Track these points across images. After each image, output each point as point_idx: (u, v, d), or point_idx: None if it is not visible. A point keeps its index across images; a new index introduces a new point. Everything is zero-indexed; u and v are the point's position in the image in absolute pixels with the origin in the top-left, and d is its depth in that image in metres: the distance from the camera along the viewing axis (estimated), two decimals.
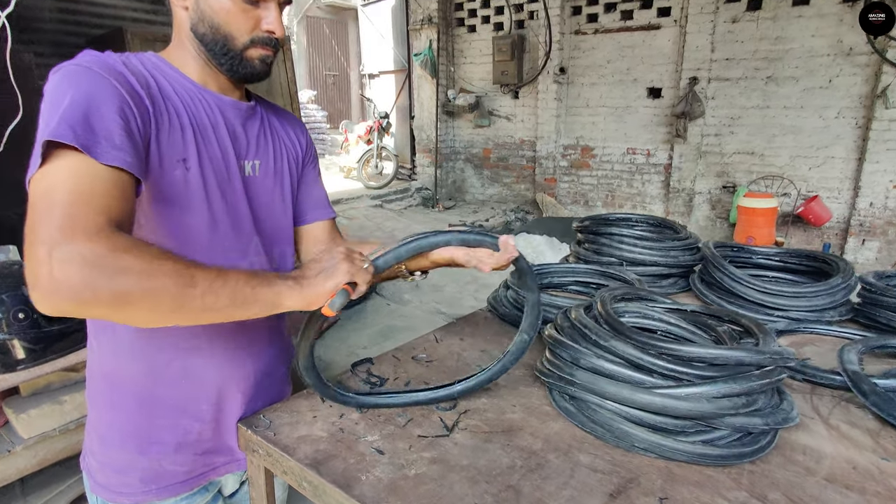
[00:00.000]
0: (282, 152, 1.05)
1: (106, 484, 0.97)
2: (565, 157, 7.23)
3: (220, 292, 0.70)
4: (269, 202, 1.02)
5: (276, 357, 1.08)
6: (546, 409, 1.05)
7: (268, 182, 1.02)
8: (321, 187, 1.17)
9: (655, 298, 1.33)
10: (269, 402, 1.07)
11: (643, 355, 0.96)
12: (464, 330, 1.43)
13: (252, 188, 0.98)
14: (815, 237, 5.57)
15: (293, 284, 0.77)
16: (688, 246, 1.80)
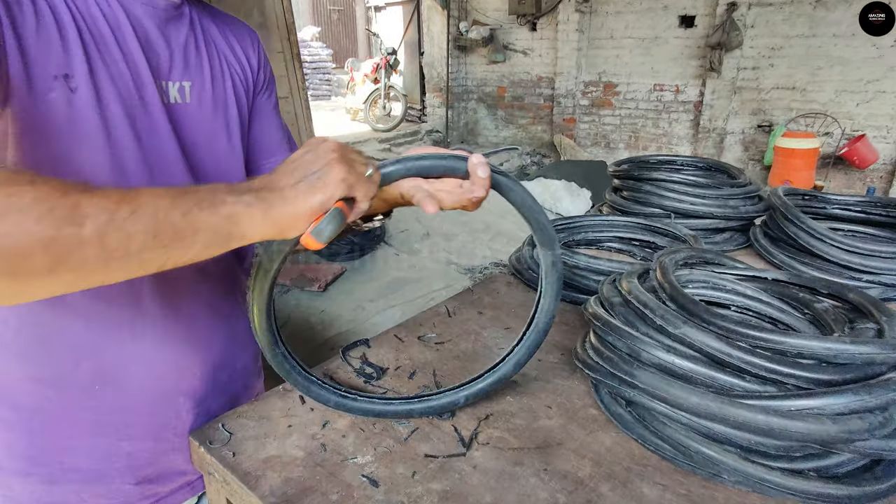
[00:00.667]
0: (223, 72, 0.77)
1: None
2: (586, 96, 6.74)
3: (130, 226, 0.45)
4: (207, 140, 0.75)
5: (234, 338, 0.84)
6: (591, 413, 0.81)
7: (204, 112, 0.74)
8: (280, 125, 0.89)
9: (724, 262, 1.05)
10: (231, 401, 0.84)
11: (731, 350, 0.70)
12: (482, 300, 1.18)
13: (181, 120, 0.72)
14: (857, 180, 5.16)
15: (254, 200, 0.51)
16: (748, 194, 1.50)
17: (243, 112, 0.82)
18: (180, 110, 0.72)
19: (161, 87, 0.69)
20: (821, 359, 0.68)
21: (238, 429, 0.76)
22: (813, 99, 5.18)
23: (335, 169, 0.52)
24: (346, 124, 8.34)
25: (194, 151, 0.74)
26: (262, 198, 0.51)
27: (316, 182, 0.52)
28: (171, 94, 0.71)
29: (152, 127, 0.68)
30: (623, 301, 0.86)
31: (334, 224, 0.52)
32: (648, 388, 0.72)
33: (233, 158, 0.79)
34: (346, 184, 0.52)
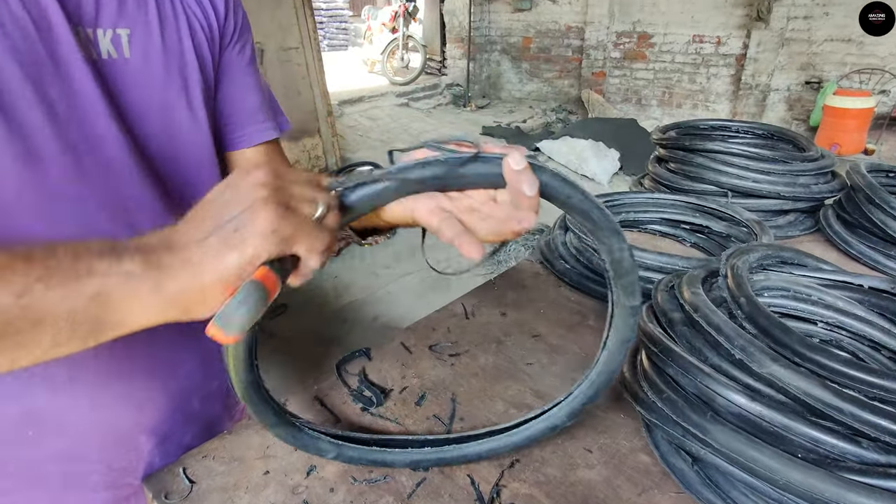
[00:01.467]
0: (177, 15, 0.59)
1: None
2: (618, 47, 6.30)
3: None
4: (159, 108, 0.58)
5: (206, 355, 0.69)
6: (643, 462, 0.65)
7: (153, 71, 0.57)
8: (257, 85, 0.71)
9: (806, 262, 0.86)
10: (208, 428, 0.70)
11: (842, 403, 0.52)
12: (505, 295, 1.01)
13: (118, 81, 0.54)
14: None
15: (139, 268, 0.35)
16: (821, 170, 1.28)
17: (208, 70, 0.64)
18: (117, 68, 0.54)
19: (84, 36, 0.51)
20: None
21: (203, 475, 0.61)
22: (871, 52, 4.73)
23: (259, 215, 0.35)
24: (362, 77, 8.02)
25: (141, 124, 0.56)
26: (152, 263, 0.35)
27: (231, 235, 0.35)
28: (101, 45, 0.53)
29: (71, 92, 0.50)
30: (686, 319, 0.68)
31: (248, 306, 0.35)
32: (725, 449, 0.55)
33: (196, 133, 0.61)
34: (277, 237, 0.36)
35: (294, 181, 0.39)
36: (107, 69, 0.53)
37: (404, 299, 3.01)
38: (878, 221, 1.09)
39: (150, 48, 0.56)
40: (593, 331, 0.91)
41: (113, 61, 0.54)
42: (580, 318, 0.94)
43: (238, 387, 0.50)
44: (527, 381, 0.78)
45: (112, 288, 0.34)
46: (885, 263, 1.08)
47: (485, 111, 7.05)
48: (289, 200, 0.37)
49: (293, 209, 0.37)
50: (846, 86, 4.77)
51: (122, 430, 0.61)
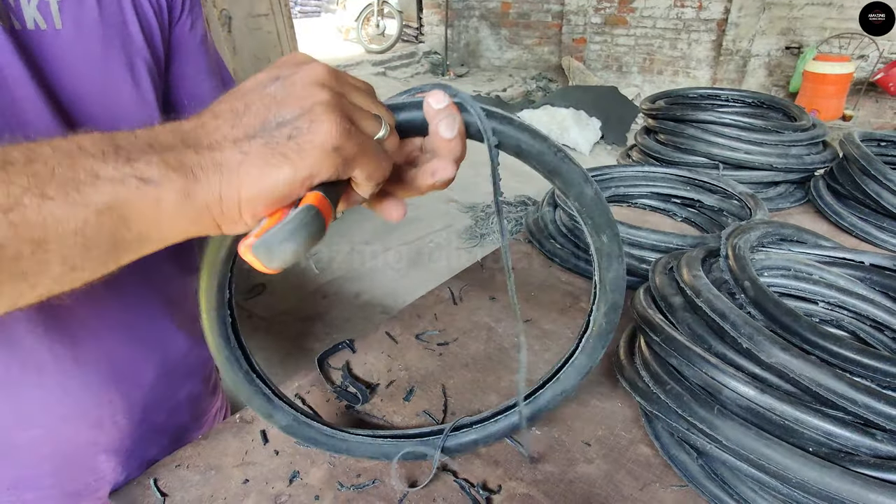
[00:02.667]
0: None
1: None
2: (599, 12, 6.17)
3: None
4: (98, 87, 0.50)
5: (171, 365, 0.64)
6: (643, 453, 0.62)
7: (89, 44, 0.50)
8: (209, 68, 0.63)
9: (805, 238, 0.83)
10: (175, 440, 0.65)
11: (856, 393, 0.50)
12: (494, 278, 0.96)
13: (47, 55, 0.47)
14: (888, 109, 4.80)
15: (160, 172, 0.28)
16: (813, 139, 1.25)
17: (156, 46, 0.56)
18: (45, 41, 0.47)
19: (4, 3, 0.44)
20: None
21: (176, 486, 0.56)
22: (851, 16, 4.70)
23: (323, 125, 0.29)
24: (336, 45, 7.75)
25: (78, 107, 0.49)
26: (173, 165, 0.28)
27: (284, 143, 0.28)
28: (25, 14, 0.45)
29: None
30: (687, 304, 0.64)
31: (302, 237, 0.29)
32: (734, 445, 0.52)
33: (142, 115, 0.54)
34: (339, 155, 0.29)
35: (356, 88, 0.32)
36: (33, 42, 0.46)
37: (386, 276, 2.96)
38: (873, 193, 1.07)
39: (83, 17, 0.49)
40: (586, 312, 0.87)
41: (41, 33, 0.46)
42: (572, 300, 0.90)
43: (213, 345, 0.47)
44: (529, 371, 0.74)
45: (127, 197, 0.27)
46: (878, 236, 1.07)
47: (464, 79, 6.90)
48: (352, 112, 0.30)
49: (356, 124, 0.30)
50: (826, 51, 4.76)
51: (75, 450, 0.55)
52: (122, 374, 0.57)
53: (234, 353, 0.49)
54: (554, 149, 0.40)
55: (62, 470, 0.55)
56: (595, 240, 0.48)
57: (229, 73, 0.69)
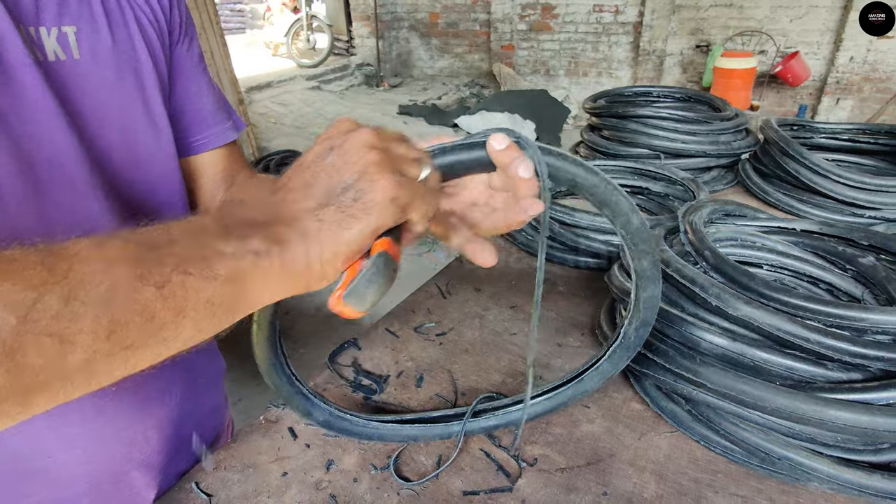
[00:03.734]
0: (123, 10, 0.54)
1: None
2: (524, 20, 6.43)
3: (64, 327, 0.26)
4: (115, 113, 0.53)
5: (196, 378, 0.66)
6: (636, 409, 0.70)
7: (104, 72, 0.52)
8: (210, 86, 0.67)
9: (745, 213, 0.95)
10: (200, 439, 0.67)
11: (808, 333, 0.60)
12: (476, 272, 1.03)
13: (70, 85, 0.49)
14: (788, 98, 5.30)
15: (263, 245, 0.33)
16: (737, 127, 1.40)
17: (161, 69, 0.59)
18: (65, 71, 0.49)
19: (28, 36, 0.46)
20: None
21: (218, 487, 0.59)
22: (749, 16, 5.17)
23: (379, 183, 0.34)
24: (266, 61, 7.62)
25: (99, 135, 0.51)
26: (273, 239, 0.33)
27: (351, 205, 0.34)
28: (47, 46, 0.47)
29: (21, 103, 0.45)
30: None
31: (382, 279, 0.34)
32: (717, 387, 0.61)
33: (155, 138, 0.57)
34: (397, 205, 0.35)
35: (395, 140, 0.38)
36: (56, 73, 0.48)
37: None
38: (792, 171, 1.22)
39: (99, 47, 0.51)
40: (564, 295, 0.95)
41: (62, 63, 0.48)
42: (550, 286, 0.98)
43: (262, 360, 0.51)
44: (515, 351, 0.81)
45: (245, 269, 0.32)
46: (800, 208, 1.22)
47: (399, 90, 6.97)
48: (398, 164, 0.36)
49: (404, 173, 0.36)
50: (731, 48, 5.20)
51: (113, 469, 0.57)
52: (152, 392, 0.59)
53: (279, 360, 0.54)
54: (605, 182, 0.43)
55: (98, 487, 0.57)
56: (637, 263, 0.51)
57: (219, 88, 0.72)
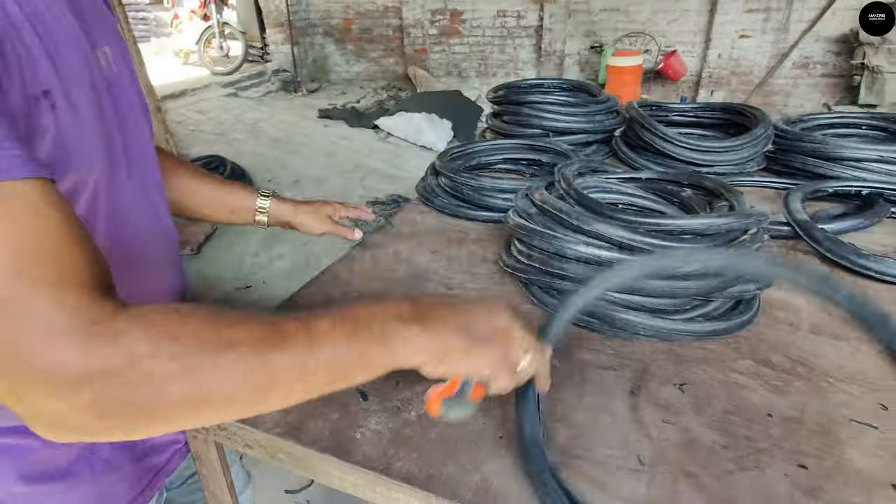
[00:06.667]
0: (114, 22, 0.70)
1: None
2: (434, 25, 6.74)
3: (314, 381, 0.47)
4: (138, 104, 0.70)
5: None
6: (528, 308, 0.95)
7: (128, 76, 0.68)
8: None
9: (607, 169, 1.23)
10: None
11: (635, 235, 0.86)
12: (401, 230, 1.25)
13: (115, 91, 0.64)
14: (672, 91, 5.94)
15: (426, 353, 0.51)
16: (609, 109, 1.72)
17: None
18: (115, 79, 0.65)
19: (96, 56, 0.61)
20: (697, 233, 0.88)
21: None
22: (634, 19, 5.75)
23: (495, 372, 0.52)
24: (178, 69, 7.43)
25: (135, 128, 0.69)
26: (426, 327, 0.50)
27: (469, 350, 0.51)
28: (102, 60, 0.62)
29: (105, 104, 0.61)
30: (539, 210, 0.98)
31: (460, 411, 0.54)
32: (577, 277, 0.86)
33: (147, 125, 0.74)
34: (491, 380, 0.53)
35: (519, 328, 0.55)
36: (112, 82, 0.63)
37: (280, 283, 3.08)
38: (649, 141, 1.54)
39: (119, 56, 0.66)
40: (475, 241, 1.19)
41: (111, 75, 0.63)
42: (464, 235, 1.22)
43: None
44: (436, 279, 1.04)
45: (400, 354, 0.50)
46: (656, 169, 1.53)
47: (317, 95, 7.05)
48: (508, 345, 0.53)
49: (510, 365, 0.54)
50: (621, 48, 5.76)
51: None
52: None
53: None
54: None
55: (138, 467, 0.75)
56: None
57: None
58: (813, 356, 0.81)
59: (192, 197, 0.93)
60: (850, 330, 0.87)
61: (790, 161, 1.47)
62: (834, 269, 1.06)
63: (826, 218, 1.19)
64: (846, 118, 1.61)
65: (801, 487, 0.59)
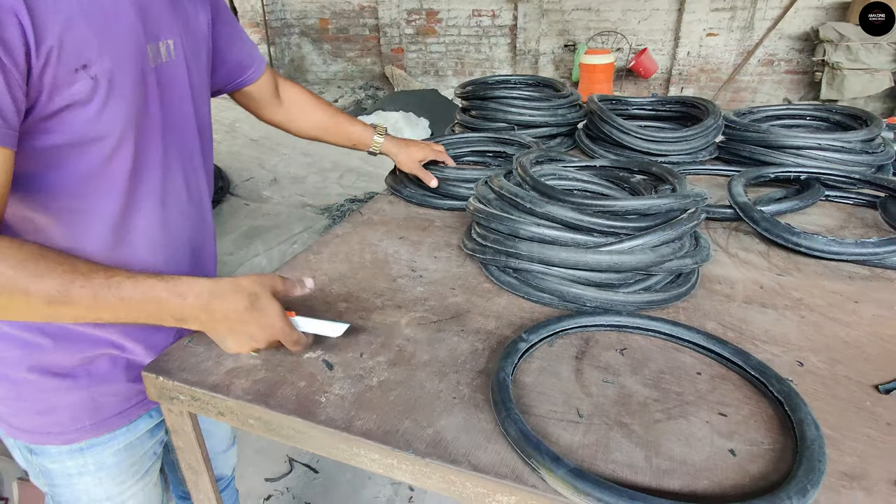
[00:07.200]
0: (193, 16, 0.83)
1: (28, 427, 0.83)
2: (410, 24, 6.78)
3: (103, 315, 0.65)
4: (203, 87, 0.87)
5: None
6: (486, 287, 1.01)
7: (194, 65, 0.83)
8: (242, 31, 1.00)
9: (564, 158, 1.30)
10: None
11: (582, 216, 0.93)
12: (371, 220, 1.30)
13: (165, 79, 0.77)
14: (644, 88, 6.08)
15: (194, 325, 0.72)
16: (571, 103, 1.79)
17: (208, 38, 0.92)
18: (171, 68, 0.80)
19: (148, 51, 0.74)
20: (640, 213, 0.95)
21: (187, 356, 0.82)
22: (605, 18, 5.88)
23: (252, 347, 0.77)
24: None
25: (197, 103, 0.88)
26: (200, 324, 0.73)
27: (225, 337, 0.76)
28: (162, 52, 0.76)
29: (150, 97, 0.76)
30: (497, 195, 1.05)
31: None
32: (529, 255, 0.93)
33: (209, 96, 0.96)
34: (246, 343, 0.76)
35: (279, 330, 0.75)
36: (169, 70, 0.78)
37: None
38: (608, 132, 1.62)
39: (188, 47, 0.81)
40: (440, 228, 1.25)
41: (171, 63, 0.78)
42: (428, 223, 1.28)
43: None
44: (403, 262, 1.09)
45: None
46: (615, 159, 1.61)
47: None
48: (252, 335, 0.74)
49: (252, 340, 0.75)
50: (593, 46, 5.88)
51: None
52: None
53: None
54: None
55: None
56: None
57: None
58: (743, 323, 0.89)
59: (305, 114, 1.20)
60: (777, 300, 0.95)
61: (738, 150, 1.56)
62: (771, 246, 1.14)
63: (767, 201, 1.28)
64: (792, 110, 1.71)
65: (719, 431, 0.67)
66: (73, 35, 0.60)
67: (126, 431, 0.89)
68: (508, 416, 0.65)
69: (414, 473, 0.65)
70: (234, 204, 4.15)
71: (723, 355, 0.79)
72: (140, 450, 0.92)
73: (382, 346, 0.84)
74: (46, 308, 0.60)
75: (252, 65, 1.04)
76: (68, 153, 0.66)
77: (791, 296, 0.97)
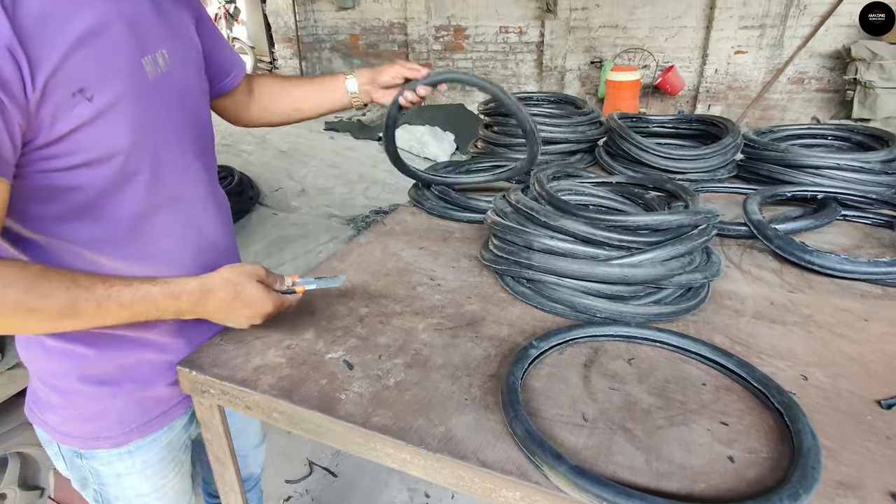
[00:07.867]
0: (182, 19, 0.87)
1: (78, 433, 0.88)
2: (438, 40, 6.92)
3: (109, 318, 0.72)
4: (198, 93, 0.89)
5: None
6: (501, 296, 1.05)
7: (186, 75, 0.85)
8: (222, 37, 1.03)
9: (581, 174, 1.34)
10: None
11: (595, 230, 0.97)
12: (393, 230, 1.36)
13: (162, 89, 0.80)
14: (671, 105, 6.06)
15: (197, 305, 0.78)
16: (592, 120, 1.83)
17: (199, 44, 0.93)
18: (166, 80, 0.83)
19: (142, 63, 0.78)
20: (652, 227, 0.98)
21: (219, 353, 0.88)
22: (633, 35, 5.90)
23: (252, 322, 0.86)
24: None
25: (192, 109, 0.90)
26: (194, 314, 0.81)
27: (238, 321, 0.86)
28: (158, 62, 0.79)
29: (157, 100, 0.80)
30: (514, 209, 1.09)
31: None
32: (542, 266, 0.97)
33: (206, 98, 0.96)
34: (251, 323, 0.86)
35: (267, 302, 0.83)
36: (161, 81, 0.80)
37: None
38: (626, 150, 1.65)
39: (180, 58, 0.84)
40: (459, 239, 1.30)
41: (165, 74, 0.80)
42: (449, 234, 1.33)
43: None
44: (422, 271, 1.14)
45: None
46: (633, 176, 1.64)
47: None
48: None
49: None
50: (620, 63, 5.90)
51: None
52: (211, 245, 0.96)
53: None
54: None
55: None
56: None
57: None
58: (751, 337, 0.91)
59: (274, 98, 1.15)
60: (787, 316, 0.97)
61: (757, 169, 1.58)
62: (784, 263, 1.16)
63: (783, 219, 1.29)
64: (814, 129, 1.72)
65: (719, 439, 0.69)
66: (68, 63, 0.63)
67: (167, 430, 0.95)
68: (516, 416, 0.69)
69: (426, 468, 0.70)
70: (263, 213, 4.28)
71: (728, 367, 0.81)
72: (178, 444, 0.98)
73: (400, 350, 0.88)
74: (56, 322, 0.67)
75: (233, 69, 1.04)
76: (84, 172, 0.70)
77: (801, 312, 0.98)
